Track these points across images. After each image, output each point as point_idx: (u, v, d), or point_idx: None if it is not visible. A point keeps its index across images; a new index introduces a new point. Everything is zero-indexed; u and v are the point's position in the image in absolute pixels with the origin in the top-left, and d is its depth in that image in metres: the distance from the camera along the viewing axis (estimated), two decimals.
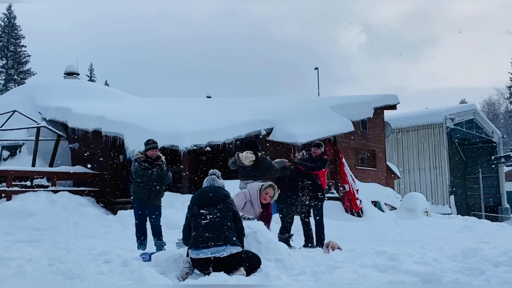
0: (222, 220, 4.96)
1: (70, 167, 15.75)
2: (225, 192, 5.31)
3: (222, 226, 4.92)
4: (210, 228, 4.91)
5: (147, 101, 20.68)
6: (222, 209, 5.05)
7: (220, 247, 4.79)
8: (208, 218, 4.99)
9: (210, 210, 5.04)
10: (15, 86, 38.57)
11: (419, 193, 19.35)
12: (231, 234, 4.91)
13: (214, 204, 5.09)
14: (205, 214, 5.03)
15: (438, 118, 30.03)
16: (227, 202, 5.15)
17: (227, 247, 4.80)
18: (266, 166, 8.03)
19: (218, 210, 5.03)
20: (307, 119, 16.82)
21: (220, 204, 5.09)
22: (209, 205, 5.09)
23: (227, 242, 4.83)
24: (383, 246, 8.44)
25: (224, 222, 4.96)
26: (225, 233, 4.88)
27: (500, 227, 15.68)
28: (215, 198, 5.14)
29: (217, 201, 5.12)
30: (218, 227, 4.91)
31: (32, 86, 20.38)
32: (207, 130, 13.78)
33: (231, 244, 4.84)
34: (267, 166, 8.04)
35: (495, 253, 6.00)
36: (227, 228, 4.93)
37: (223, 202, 5.12)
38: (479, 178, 34.61)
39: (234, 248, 4.82)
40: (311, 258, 5.95)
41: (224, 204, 5.10)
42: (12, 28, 45.16)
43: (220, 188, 5.36)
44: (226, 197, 5.22)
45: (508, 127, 59.49)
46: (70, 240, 9.27)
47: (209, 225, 4.93)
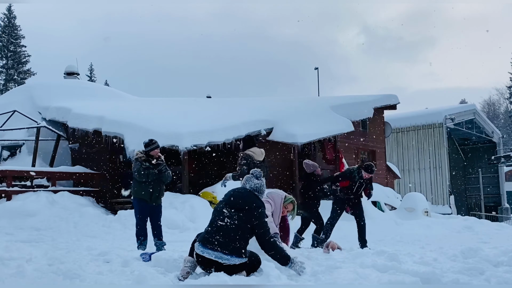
0: (237, 230, 4.77)
1: (70, 167, 15.75)
2: (257, 201, 4.97)
3: (236, 235, 4.75)
4: (223, 232, 4.76)
5: (147, 101, 20.68)
6: (243, 218, 4.82)
7: (225, 255, 4.69)
8: (225, 222, 4.80)
9: (231, 214, 4.84)
10: (15, 86, 38.59)
11: (419, 193, 19.36)
12: (240, 246, 4.75)
13: (239, 210, 4.86)
14: (225, 215, 4.84)
15: (438, 118, 30.05)
16: (251, 213, 4.84)
17: (232, 258, 4.70)
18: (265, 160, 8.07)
19: (239, 218, 4.81)
20: (307, 119, 16.83)
21: (244, 212, 4.85)
22: (234, 208, 4.88)
23: (233, 253, 4.71)
24: (383, 246, 8.46)
25: (239, 232, 4.77)
26: (235, 243, 4.73)
27: (500, 227, 15.69)
28: (242, 205, 4.89)
29: (242, 207, 4.87)
30: (230, 235, 4.75)
31: (32, 86, 20.38)
32: (207, 130, 13.77)
33: (237, 255, 4.72)
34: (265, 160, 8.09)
35: (495, 253, 6.00)
36: (239, 238, 4.75)
37: (248, 211, 4.85)
38: (479, 178, 34.61)
39: (238, 260, 4.72)
40: (311, 258, 5.95)
41: (248, 215, 4.84)
42: (12, 28, 45.16)
43: (252, 193, 5.04)
44: (256, 207, 4.90)
45: (508, 127, 59.49)
46: (70, 240, 9.27)
47: (223, 229, 4.77)
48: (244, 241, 4.83)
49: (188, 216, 11.78)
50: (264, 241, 4.90)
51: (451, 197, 29.57)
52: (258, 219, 4.85)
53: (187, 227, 11.18)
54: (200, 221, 11.41)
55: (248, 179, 5.16)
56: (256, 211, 4.87)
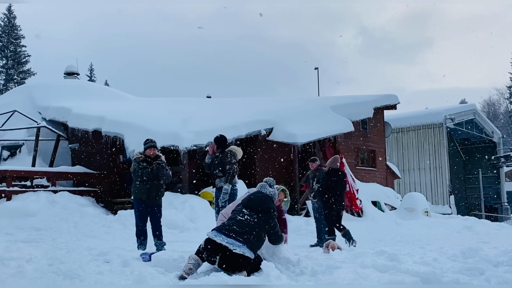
0: (256, 225, 5.11)
1: (70, 167, 15.74)
2: (272, 205, 5.47)
3: (253, 230, 5.05)
4: (241, 224, 5.07)
5: (147, 101, 20.67)
6: (262, 218, 5.22)
7: (238, 242, 4.86)
8: (245, 218, 5.16)
9: (251, 214, 5.23)
10: (15, 86, 38.58)
11: (419, 193, 19.36)
12: (254, 241, 5.00)
13: (257, 212, 5.26)
14: (245, 213, 5.23)
15: (438, 118, 30.04)
16: (269, 216, 5.29)
17: (243, 246, 4.86)
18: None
19: (258, 218, 5.19)
20: (307, 119, 16.83)
21: (262, 213, 5.26)
22: (253, 210, 5.27)
23: (247, 243, 4.91)
24: (383, 246, 8.46)
25: (256, 228, 5.09)
26: (250, 236, 4.99)
27: (500, 227, 15.71)
28: (261, 207, 5.32)
29: (261, 210, 5.29)
30: (248, 228, 5.04)
31: (32, 86, 20.38)
32: (207, 130, 13.76)
33: (249, 247, 4.90)
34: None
35: (495, 253, 6.00)
36: (255, 234, 5.04)
37: (266, 213, 5.28)
38: (479, 178, 34.61)
39: (248, 251, 4.87)
40: (311, 258, 5.95)
41: (266, 217, 5.25)
42: (12, 28, 45.15)
43: (269, 198, 5.52)
44: (271, 210, 5.37)
45: (508, 127, 59.48)
46: (70, 240, 9.27)
47: (242, 222, 5.10)
48: (259, 239, 5.10)
49: (188, 216, 11.78)
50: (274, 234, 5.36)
51: (451, 197, 29.56)
52: (273, 219, 5.35)
53: (187, 227, 11.18)
54: (200, 221, 11.42)
55: (263, 186, 5.67)
56: (273, 214, 5.37)
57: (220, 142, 8.10)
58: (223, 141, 8.15)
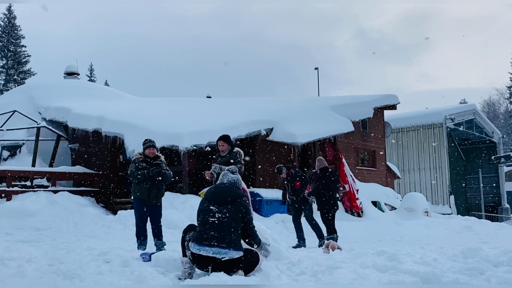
0: (230, 221, 4.87)
1: (70, 167, 15.73)
2: (239, 192, 5.20)
3: (229, 227, 4.84)
4: (216, 227, 4.83)
5: (147, 101, 20.67)
6: (232, 210, 4.95)
7: (223, 249, 4.72)
8: (217, 217, 4.90)
9: (220, 209, 4.95)
10: (15, 86, 38.58)
11: (419, 193, 19.35)
12: (236, 238, 4.84)
13: (226, 204, 4.98)
14: (214, 211, 4.95)
15: (438, 118, 30.03)
16: (238, 203, 5.02)
17: (230, 251, 4.73)
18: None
19: (228, 211, 4.93)
20: (307, 119, 16.81)
21: (232, 204, 4.99)
22: (220, 203, 5.00)
23: (230, 245, 4.75)
24: (383, 246, 8.46)
25: (232, 224, 4.87)
26: (230, 235, 4.80)
27: (500, 227, 15.69)
28: (228, 198, 5.06)
29: (229, 200, 5.01)
30: (224, 228, 4.82)
31: (32, 86, 20.38)
32: (207, 130, 13.76)
33: (234, 248, 4.76)
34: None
35: (495, 253, 5.99)
36: (233, 230, 4.85)
37: (234, 202, 5.01)
38: (479, 178, 34.60)
39: (236, 253, 4.75)
40: (311, 258, 5.95)
41: (235, 206, 4.98)
42: (12, 28, 45.14)
43: (235, 187, 5.26)
44: (240, 197, 5.10)
45: (508, 127, 59.46)
46: (70, 240, 9.26)
47: (216, 224, 4.85)
48: (238, 232, 4.91)
49: (188, 216, 11.76)
50: (248, 228, 5.08)
51: (451, 197, 29.55)
52: (245, 207, 5.07)
53: None
54: None
55: (224, 175, 5.44)
56: (241, 200, 5.08)
57: (229, 140, 8.01)
58: (230, 139, 8.07)
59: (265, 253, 5.27)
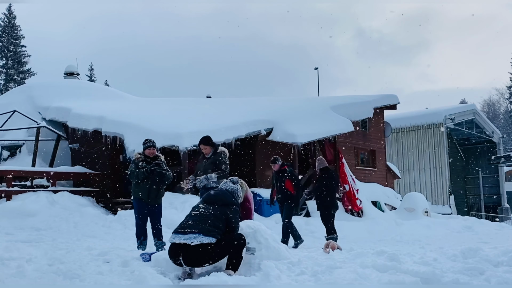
0: (210, 215, 4.95)
1: (70, 167, 15.73)
2: (233, 201, 5.25)
3: (207, 219, 4.90)
4: (195, 218, 4.95)
5: (147, 101, 20.67)
6: (218, 209, 5.04)
7: (193, 234, 4.75)
8: (200, 211, 5.04)
9: (206, 206, 5.10)
10: (15, 86, 38.57)
11: (419, 193, 19.35)
12: (210, 228, 4.83)
13: (213, 203, 5.12)
14: (200, 207, 5.10)
15: (438, 118, 30.04)
16: (226, 208, 5.10)
17: (199, 235, 4.74)
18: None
19: (214, 209, 5.04)
20: (307, 119, 16.82)
21: (219, 206, 5.10)
22: (209, 203, 5.14)
23: (202, 232, 4.77)
24: (383, 246, 8.46)
25: (211, 217, 4.92)
26: (204, 224, 4.84)
27: (500, 227, 15.69)
28: (218, 200, 5.16)
29: (219, 203, 5.13)
30: (202, 219, 4.91)
31: (32, 86, 20.37)
32: (207, 130, 13.71)
33: (205, 234, 4.75)
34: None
35: (495, 253, 5.99)
36: (210, 222, 4.87)
37: (223, 206, 5.11)
38: (479, 178, 34.60)
39: (205, 238, 4.73)
40: (311, 258, 5.95)
41: (222, 209, 5.07)
42: (12, 28, 45.14)
43: (229, 193, 5.33)
44: (231, 204, 5.18)
45: (508, 127, 59.47)
46: (70, 240, 9.26)
47: (196, 215, 4.99)
48: (216, 227, 4.88)
49: None
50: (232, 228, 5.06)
51: (451, 197, 29.56)
52: (233, 213, 5.10)
53: None
54: None
55: (225, 183, 5.56)
56: (231, 206, 5.16)
57: (210, 142, 7.89)
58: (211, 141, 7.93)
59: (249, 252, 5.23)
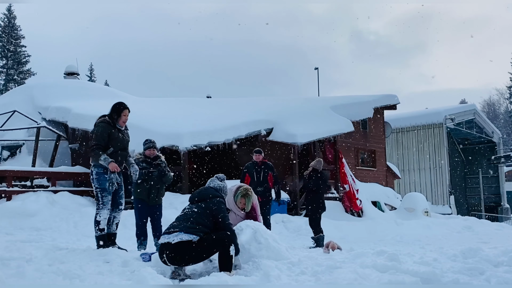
0: (193, 213, 5.02)
1: (70, 167, 15.73)
2: (214, 192, 5.28)
3: (189, 217, 4.98)
4: (180, 218, 5.05)
5: (147, 101, 20.67)
6: (202, 206, 5.11)
7: (176, 233, 4.84)
8: (184, 212, 5.13)
9: (191, 206, 5.19)
10: (15, 86, 38.58)
11: (419, 193, 19.35)
12: (192, 225, 4.88)
13: (198, 201, 5.19)
14: (186, 209, 5.18)
15: (438, 118, 30.03)
16: (211, 202, 5.13)
17: (180, 233, 4.81)
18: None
19: (197, 207, 5.11)
20: (307, 119, 16.82)
21: (201, 201, 5.16)
22: (192, 202, 5.24)
23: (183, 229, 4.84)
24: (383, 246, 8.46)
25: (194, 215, 4.99)
26: (186, 222, 4.91)
27: (500, 227, 15.70)
28: (201, 196, 5.23)
29: (202, 198, 5.20)
30: (185, 218, 4.99)
31: (32, 86, 20.38)
32: (207, 130, 13.78)
33: (185, 232, 4.82)
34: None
35: (495, 253, 5.99)
36: (192, 220, 4.93)
37: (204, 200, 5.16)
38: (479, 178, 34.59)
39: (186, 235, 4.79)
40: (311, 258, 5.95)
41: (206, 203, 5.13)
42: (12, 28, 45.14)
43: (212, 188, 5.38)
44: (213, 196, 5.20)
45: (508, 127, 59.47)
46: (70, 240, 9.27)
47: (182, 215, 5.08)
48: (199, 223, 4.91)
49: None
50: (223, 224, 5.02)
51: (451, 197, 29.56)
52: (217, 204, 5.11)
53: None
54: None
55: (212, 181, 5.54)
56: (214, 199, 5.17)
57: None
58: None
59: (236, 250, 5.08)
